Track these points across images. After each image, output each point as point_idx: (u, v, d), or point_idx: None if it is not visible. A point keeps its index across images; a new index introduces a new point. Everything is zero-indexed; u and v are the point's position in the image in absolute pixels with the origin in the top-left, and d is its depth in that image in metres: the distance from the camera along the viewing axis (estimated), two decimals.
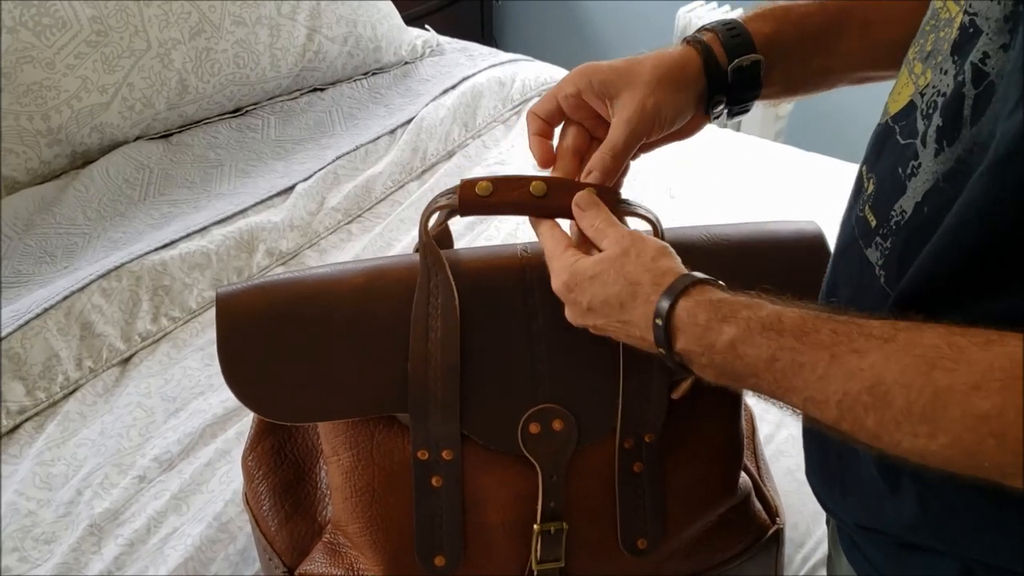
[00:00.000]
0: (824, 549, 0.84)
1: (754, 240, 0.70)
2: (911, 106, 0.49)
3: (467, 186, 0.61)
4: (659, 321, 0.51)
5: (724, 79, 0.61)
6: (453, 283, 0.64)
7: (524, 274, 0.67)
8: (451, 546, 0.67)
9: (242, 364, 0.65)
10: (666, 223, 0.63)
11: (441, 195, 0.62)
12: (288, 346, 0.65)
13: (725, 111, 0.64)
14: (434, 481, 0.66)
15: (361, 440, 0.67)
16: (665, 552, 0.70)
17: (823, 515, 0.73)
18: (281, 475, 0.75)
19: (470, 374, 0.65)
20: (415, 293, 0.64)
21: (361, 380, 0.65)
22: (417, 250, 0.65)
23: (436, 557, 0.67)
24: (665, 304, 0.51)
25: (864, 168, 0.54)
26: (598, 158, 0.60)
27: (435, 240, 0.64)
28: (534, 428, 0.65)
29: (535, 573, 0.67)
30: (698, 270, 0.53)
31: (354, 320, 0.65)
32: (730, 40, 0.61)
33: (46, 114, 1.27)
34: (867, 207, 0.52)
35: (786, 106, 2.01)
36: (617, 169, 0.60)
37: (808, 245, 0.69)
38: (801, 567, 0.84)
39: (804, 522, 0.86)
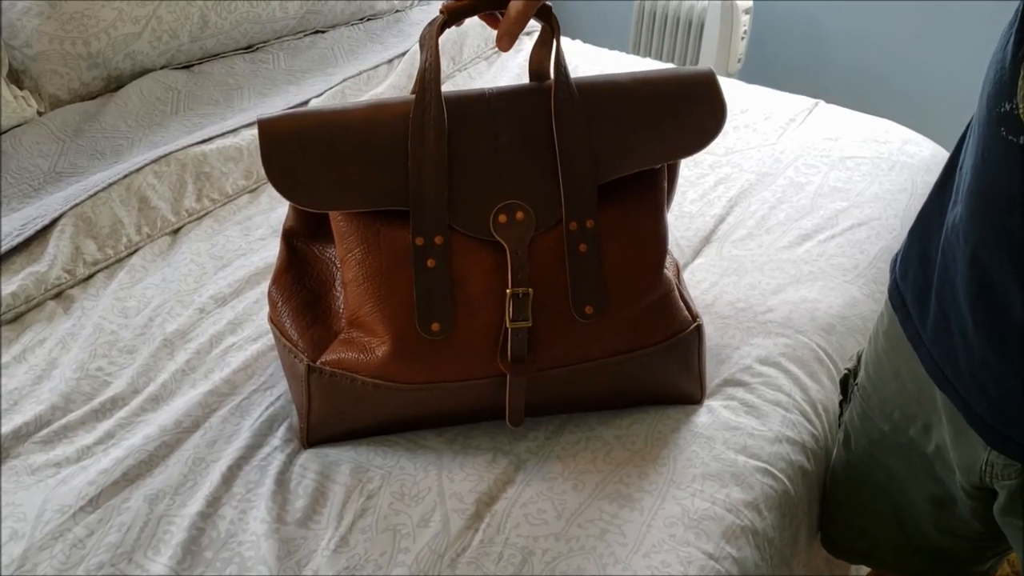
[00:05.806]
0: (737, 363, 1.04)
1: (663, 78, 0.91)
2: None
3: (448, 6, 0.83)
4: None
5: None
6: (443, 102, 0.84)
7: (490, 104, 0.87)
8: (444, 314, 0.84)
9: (281, 167, 0.83)
10: None
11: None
12: (316, 154, 0.83)
13: None
14: (429, 263, 0.84)
15: (370, 235, 0.85)
16: (608, 324, 0.88)
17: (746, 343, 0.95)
18: (300, 298, 0.92)
19: (453, 177, 0.84)
20: (412, 109, 0.84)
21: (372, 179, 0.84)
22: (413, 92, 0.85)
23: (433, 324, 0.84)
24: None
25: None
26: None
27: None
28: (502, 218, 0.85)
29: (510, 331, 0.85)
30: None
31: (365, 135, 0.84)
32: None
33: (87, 40, 1.45)
34: None
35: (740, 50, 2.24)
36: None
37: (704, 79, 0.90)
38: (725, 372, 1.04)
39: (731, 346, 1.07)
